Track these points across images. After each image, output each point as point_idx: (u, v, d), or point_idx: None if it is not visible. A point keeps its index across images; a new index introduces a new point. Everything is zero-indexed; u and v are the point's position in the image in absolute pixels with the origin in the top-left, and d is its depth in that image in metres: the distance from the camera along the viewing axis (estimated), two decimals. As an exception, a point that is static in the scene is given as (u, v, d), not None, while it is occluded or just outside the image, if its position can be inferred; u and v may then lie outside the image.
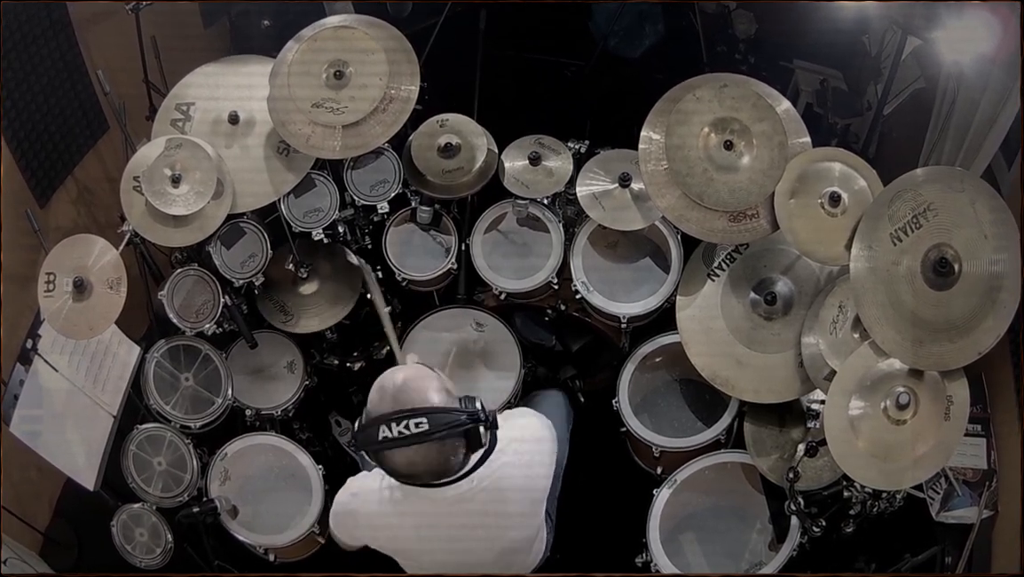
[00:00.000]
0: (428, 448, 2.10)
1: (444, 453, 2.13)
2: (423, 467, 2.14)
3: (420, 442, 2.08)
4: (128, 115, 3.40)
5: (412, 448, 2.09)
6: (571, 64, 4.76)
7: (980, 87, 2.95)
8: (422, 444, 2.09)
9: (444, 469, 2.17)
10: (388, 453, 2.12)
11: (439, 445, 2.11)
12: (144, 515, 3.21)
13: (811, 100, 4.27)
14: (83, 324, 3.00)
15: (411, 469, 2.14)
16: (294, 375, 3.61)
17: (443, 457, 2.14)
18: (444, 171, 3.43)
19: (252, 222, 3.44)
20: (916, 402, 2.55)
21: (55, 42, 3.44)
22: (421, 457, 2.12)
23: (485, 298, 3.64)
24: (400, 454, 2.11)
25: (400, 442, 2.08)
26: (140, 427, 3.25)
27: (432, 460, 2.13)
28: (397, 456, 2.11)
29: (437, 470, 2.17)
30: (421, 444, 2.09)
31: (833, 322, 2.85)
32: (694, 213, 2.95)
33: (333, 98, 3.23)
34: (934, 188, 2.56)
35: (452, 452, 2.15)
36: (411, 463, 2.12)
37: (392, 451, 2.11)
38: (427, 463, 2.13)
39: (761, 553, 3.11)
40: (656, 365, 3.47)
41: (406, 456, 2.11)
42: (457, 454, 2.16)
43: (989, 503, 2.82)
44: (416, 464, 2.13)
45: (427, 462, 2.13)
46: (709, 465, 3.17)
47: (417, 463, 2.13)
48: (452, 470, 2.19)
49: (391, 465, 2.14)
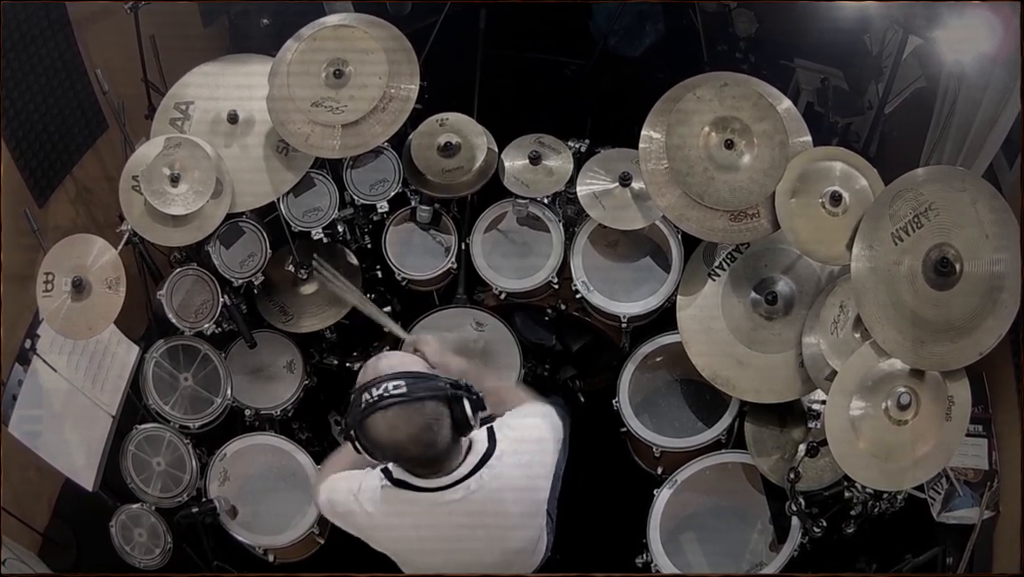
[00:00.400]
0: (407, 411, 2.07)
1: (425, 418, 2.09)
2: (405, 432, 2.09)
3: (398, 403, 2.06)
4: (127, 114, 3.40)
5: (391, 411, 2.06)
6: (571, 63, 4.76)
7: (981, 86, 2.94)
8: (402, 405, 2.06)
9: (428, 439, 2.11)
10: (370, 421, 2.08)
11: (419, 408, 2.08)
12: (143, 515, 3.20)
13: (812, 99, 4.26)
14: (82, 324, 3.00)
15: (393, 435, 2.09)
16: (293, 375, 3.61)
17: (425, 424, 2.09)
18: (444, 170, 3.43)
19: (251, 221, 3.44)
20: (917, 402, 2.55)
21: (54, 41, 3.43)
22: (403, 420, 2.08)
23: (485, 298, 3.64)
24: (382, 419, 2.07)
25: (379, 405, 2.06)
26: (139, 427, 3.25)
27: (413, 424, 2.08)
28: (379, 422, 2.08)
29: (421, 439, 2.10)
30: (401, 406, 2.06)
31: (834, 322, 2.85)
32: (695, 212, 2.95)
33: (332, 97, 3.23)
34: (935, 188, 2.56)
35: (434, 420, 2.10)
36: (392, 427, 2.08)
37: (373, 417, 2.07)
38: (408, 428, 2.08)
39: (762, 553, 3.11)
40: (656, 365, 3.47)
41: (387, 420, 2.07)
42: (441, 424, 2.12)
43: (990, 504, 2.81)
44: (397, 428, 2.08)
45: (408, 426, 2.08)
46: (710, 465, 3.17)
47: (398, 427, 2.08)
48: (439, 446, 2.14)
49: (375, 436, 2.10)
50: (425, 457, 2.16)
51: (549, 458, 2.37)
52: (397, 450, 2.14)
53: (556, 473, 2.56)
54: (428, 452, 2.14)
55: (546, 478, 2.37)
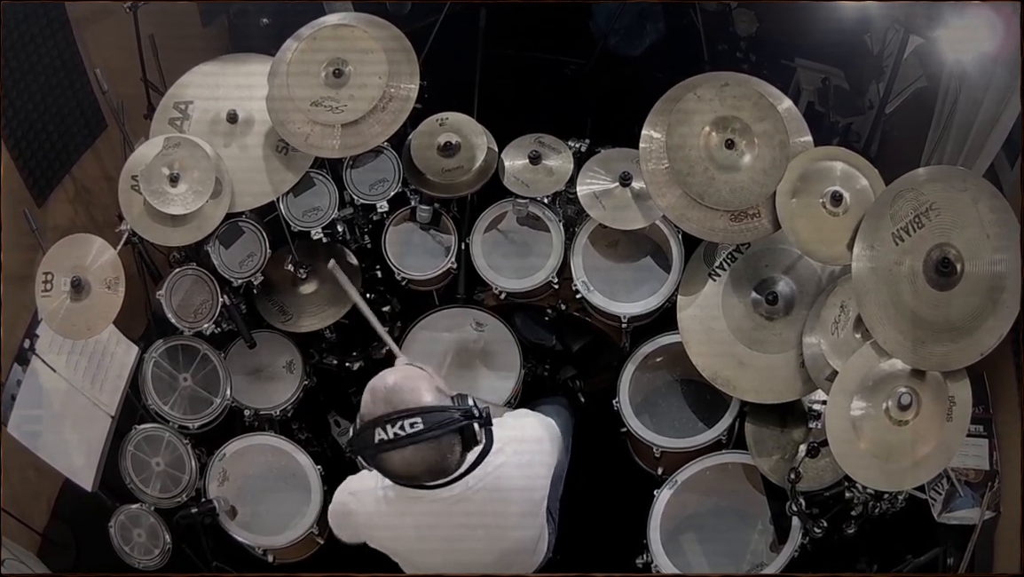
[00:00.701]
0: (425, 448, 2.09)
1: (441, 452, 2.12)
2: (421, 467, 2.13)
3: (416, 442, 2.07)
4: (126, 114, 3.39)
5: (409, 449, 2.08)
6: (571, 63, 4.75)
7: (983, 86, 2.94)
8: (419, 444, 2.08)
9: (442, 468, 2.16)
10: (385, 456, 2.10)
11: (435, 444, 2.10)
12: (142, 516, 3.20)
13: (813, 99, 4.25)
14: (81, 324, 2.99)
15: (409, 470, 2.13)
16: (293, 375, 3.61)
17: (440, 456, 2.13)
18: (444, 170, 3.42)
19: (251, 221, 3.43)
20: (918, 403, 2.54)
21: (53, 40, 3.42)
22: (419, 458, 2.10)
23: (485, 298, 3.63)
24: (397, 456, 2.10)
25: (396, 444, 2.07)
26: (138, 427, 3.25)
27: (430, 460, 2.12)
28: (395, 458, 2.10)
29: (435, 469, 2.15)
30: (418, 444, 2.08)
31: (835, 322, 2.84)
32: (695, 212, 2.94)
33: (332, 97, 3.22)
34: (936, 187, 2.55)
35: (448, 450, 2.14)
36: (408, 464, 2.11)
37: (389, 453, 2.09)
38: (425, 463, 2.12)
39: (762, 554, 3.10)
40: (657, 365, 3.46)
41: (403, 457, 2.10)
42: (453, 452, 2.15)
43: (991, 504, 2.80)
44: (414, 465, 2.11)
45: (425, 462, 2.12)
46: (710, 466, 3.16)
47: (415, 464, 2.11)
48: (450, 469, 2.18)
49: (389, 468, 2.13)
50: (435, 480, 2.19)
51: (547, 459, 2.39)
52: (410, 479, 2.17)
53: (557, 474, 2.57)
54: (439, 477, 2.18)
55: (544, 477, 2.38)
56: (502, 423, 2.33)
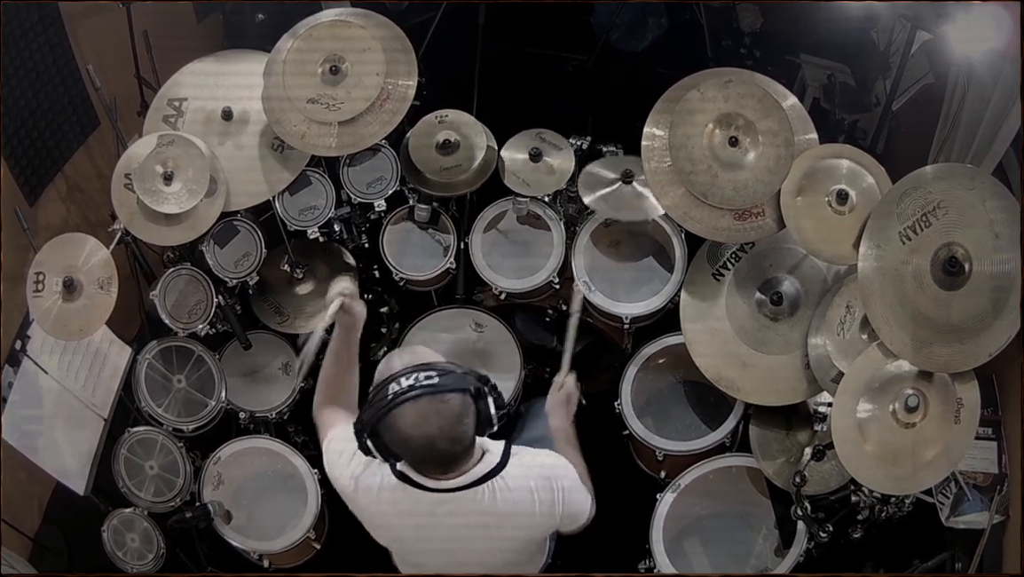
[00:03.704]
0: (439, 403, 2.04)
1: (454, 413, 2.06)
2: (435, 425, 2.04)
3: (431, 394, 2.03)
4: (119, 111, 3.38)
5: (423, 400, 2.03)
6: (573, 59, 4.74)
7: (991, 83, 2.92)
8: (433, 396, 2.04)
9: (457, 434, 2.08)
10: (399, 413, 2.03)
11: (449, 401, 2.05)
12: (136, 520, 3.18)
13: (818, 95, 4.23)
14: (73, 325, 2.98)
15: (423, 428, 2.04)
16: (289, 377, 3.58)
17: (453, 418, 2.06)
18: (442, 168, 3.40)
19: (246, 220, 3.41)
20: (925, 405, 2.53)
21: (45, 36, 3.40)
22: (433, 412, 2.04)
23: (484, 298, 3.62)
24: (410, 410, 2.03)
25: (411, 394, 2.03)
26: (131, 430, 3.23)
27: (444, 416, 2.05)
28: (408, 414, 2.03)
29: (450, 432, 2.07)
30: (432, 396, 2.03)
31: (840, 323, 2.83)
32: (698, 211, 2.93)
33: (329, 94, 3.19)
34: (944, 186, 2.54)
35: (463, 415, 2.07)
36: (422, 418, 2.04)
37: (402, 409, 2.03)
38: (439, 421, 2.04)
39: (767, 558, 3.09)
40: (659, 367, 3.44)
41: (417, 411, 2.03)
42: (467, 419, 2.08)
43: (1000, 508, 2.78)
44: (427, 420, 2.04)
45: (439, 419, 2.04)
46: (714, 469, 3.15)
47: (428, 419, 2.04)
48: (461, 442, 2.10)
49: (402, 430, 2.05)
50: (448, 453, 2.11)
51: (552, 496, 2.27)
52: (424, 444, 2.07)
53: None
54: (453, 448, 2.10)
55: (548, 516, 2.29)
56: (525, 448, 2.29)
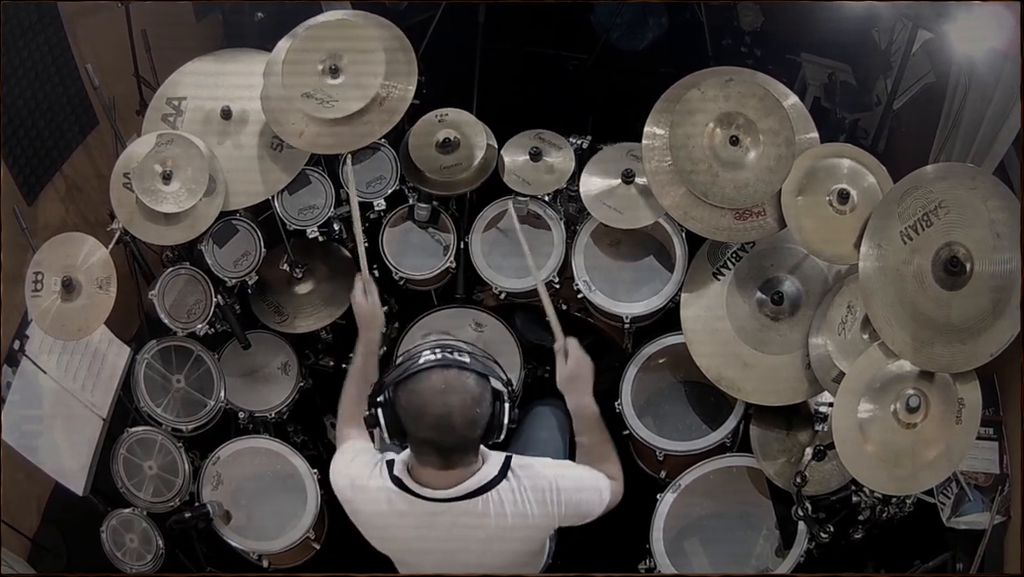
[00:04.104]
0: (466, 379, 2.07)
1: (476, 397, 2.07)
2: (457, 398, 2.05)
3: (462, 368, 2.07)
4: (118, 110, 3.37)
5: (453, 371, 2.06)
6: (573, 58, 4.74)
7: (992, 82, 2.92)
8: (463, 371, 2.07)
9: (474, 414, 2.08)
10: (426, 375, 2.06)
11: (477, 380, 2.08)
12: (135, 520, 3.17)
13: (819, 94, 4.22)
14: (72, 325, 2.96)
15: (444, 397, 2.05)
16: (288, 376, 3.57)
17: (473, 401, 2.07)
18: (442, 167, 3.39)
19: (245, 220, 3.40)
20: (926, 405, 2.52)
21: (43, 36, 3.39)
22: (461, 384, 2.06)
23: (484, 297, 3.61)
24: (438, 376, 2.05)
25: (443, 361, 2.06)
26: (130, 430, 3.22)
27: (466, 395, 2.06)
28: (435, 378, 2.05)
29: (469, 410, 2.07)
30: (462, 371, 2.07)
31: (841, 323, 2.83)
32: (699, 211, 2.92)
33: (328, 93, 3.17)
34: (945, 185, 2.53)
35: (482, 401, 2.09)
36: (449, 388, 2.05)
37: (431, 373, 2.06)
38: (462, 396, 2.06)
39: (767, 559, 3.08)
40: (660, 366, 3.42)
41: (446, 379, 2.05)
42: (483, 408, 2.09)
43: (1001, 508, 2.77)
44: (451, 390, 2.05)
45: (461, 396, 2.05)
46: (714, 469, 3.14)
47: (453, 389, 2.05)
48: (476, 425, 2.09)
49: (421, 394, 2.06)
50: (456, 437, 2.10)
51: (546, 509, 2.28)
52: (439, 415, 2.07)
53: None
54: (463, 432, 2.09)
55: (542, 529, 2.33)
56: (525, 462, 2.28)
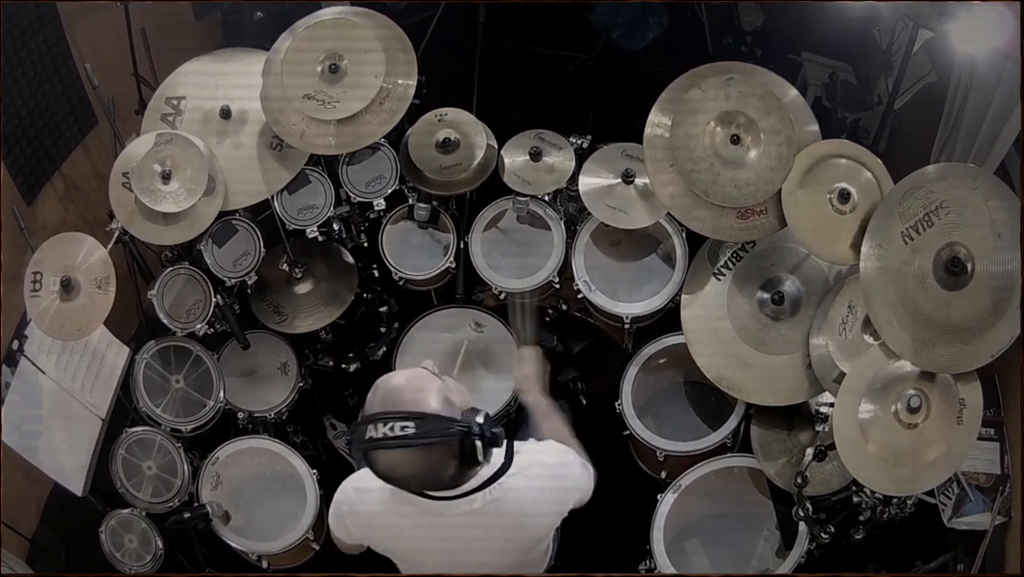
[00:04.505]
0: (411, 454, 2.01)
1: (428, 462, 2.04)
2: (406, 472, 2.05)
3: (402, 447, 2.00)
4: (117, 110, 3.36)
5: (395, 452, 2.01)
6: (573, 57, 4.73)
7: (993, 81, 2.91)
8: (405, 449, 2.00)
9: (431, 479, 2.08)
10: (374, 457, 2.04)
11: (423, 453, 2.02)
12: (134, 521, 3.16)
13: (820, 94, 4.22)
14: (71, 325, 2.95)
15: (392, 473, 2.05)
16: (288, 377, 3.57)
17: (427, 466, 2.04)
18: (442, 167, 3.38)
19: (244, 219, 3.39)
20: (928, 405, 2.51)
21: (42, 35, 3.38)
22: (406, 462, 2.03)
23: (484, 297, 3.61)
24: (383, 457, 2.03)
25: (383, 444, 2.00)
26: (129, 430, 3.21)
27: (416, 467, 2.04)
28: (380, 458, 2.04)
29: (423, 479, 2.08)
30: (404, 449, 2.00)
31: (842, 323, 2.82)
32: (700, 210, 2.91)
33: (328, 92, 3.17)
34: (946, 185, 2.52)
35: (440, 463, 2.05)
36: (394, 466, 2.04)
37: (377, 455, 2.03)
38: (410, 469, 2.04)
39: (768, 559, 3.08)
40: (660, 367, 3.42)
41: (388, 459, 2.03)
42: (446, 466, 2.06)
43: (1002, 509, 2.76)
44: (399, 468, 2.04)
45: (410, 468, 2.04)
46: (715, 470, 3.14)
47: (400, 467, 2.04)
48: (443, 482, 2.10)
49: (375, 467, 2.07)
50: (432, 488, 2.12)
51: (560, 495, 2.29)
52: (403, 485, 2.10)
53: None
54: (435, 486, 2.11)
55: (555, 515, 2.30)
56: (528, 446, 2.28)
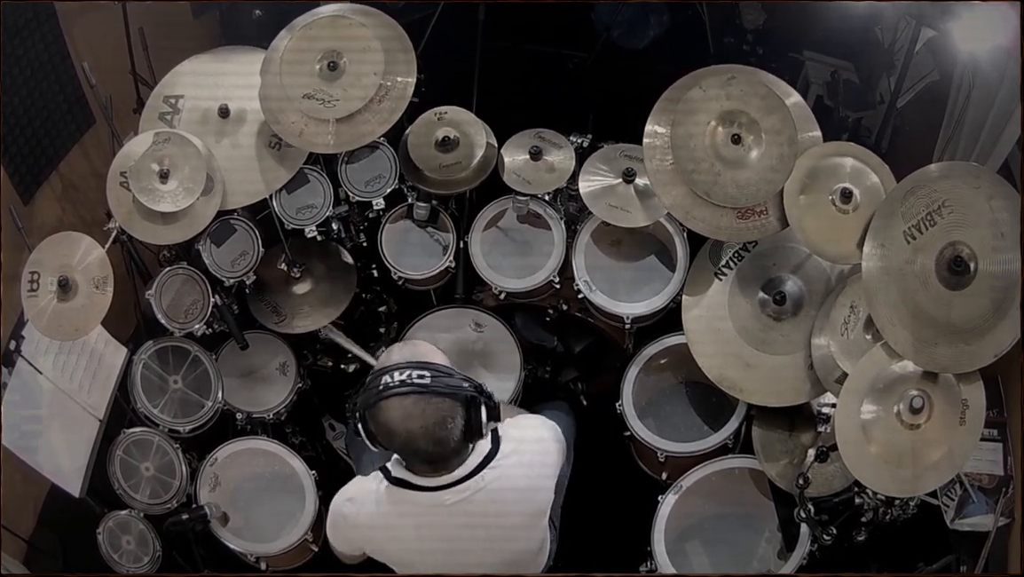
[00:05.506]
0: (427, 402, 2.10)
1: (441, 415, 2.11)
2: (419, 423, 2.10)
3: (420, 393, 2.08)
4: (115, 109, 3.34)
5: (411, 398, 2.09)
6: (573, 56, 4.72)
7: (996, 80, 2.91)
8: (422, 396, 2.09)
9: (440, 436, 2.12)
10: (387, 405, 2.10)
11: (436, 404, 2.11)
12: (131, 522, 3.15)
13: (822, 93, 4.21)
14: (68, 325, 2.94)
15: (407, 424, 2.10)
16: (286, 377, 3.55)
17: (439, 418, 2.11)
18: (442, 166, 3.36)
19: (243, 219, 3.38)
20: (930, 406, 2.50)
21: (39, 33, 3.37)
22: (419, 411, 2.09)
23: (484, 297, 3.59)
24: (398, 404, 2.09)
25: (400, 390, 2.08)
26: (127, 431, 3.20)
27: (430, 417, 2.10)
28: (395, 408, 2.10)
29: (433, 434, 2.12)
30: (420, 395, 2.09)
31: (844, 323, 2.81)
32: (701, 210, 2.90)
33: (327, 91, 3.16)
34: (949, 184, 2.51)
35: (450, 417, 2.12)
36: (408, 415, 2.10)
37: (390, 401, 2.09)
38: (423, 419, 2.10)
39: (770, 561, 3.07)
40: (661, 367, 3.41)
41: (403, 407, 2.09)
42: (455, 423, 2.14)
43: (1005, 510, 2.76)
44: (412, 417, 2.10)
45: (424, 418, 2.10)
46: (716, 471, 3.13)
47: (414, 416, 2.10)
48: (448, 444, 2.14)
49: (388, 423, 2.11)
50: (431, 453, 2.15)
51: (551, 459, 2.38)
52: (406, 439, 2.13)
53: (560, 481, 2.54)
54: (436, 448, 2.14)
55: (549, 478, 2.37)
56: (508, 425, 2.33)
